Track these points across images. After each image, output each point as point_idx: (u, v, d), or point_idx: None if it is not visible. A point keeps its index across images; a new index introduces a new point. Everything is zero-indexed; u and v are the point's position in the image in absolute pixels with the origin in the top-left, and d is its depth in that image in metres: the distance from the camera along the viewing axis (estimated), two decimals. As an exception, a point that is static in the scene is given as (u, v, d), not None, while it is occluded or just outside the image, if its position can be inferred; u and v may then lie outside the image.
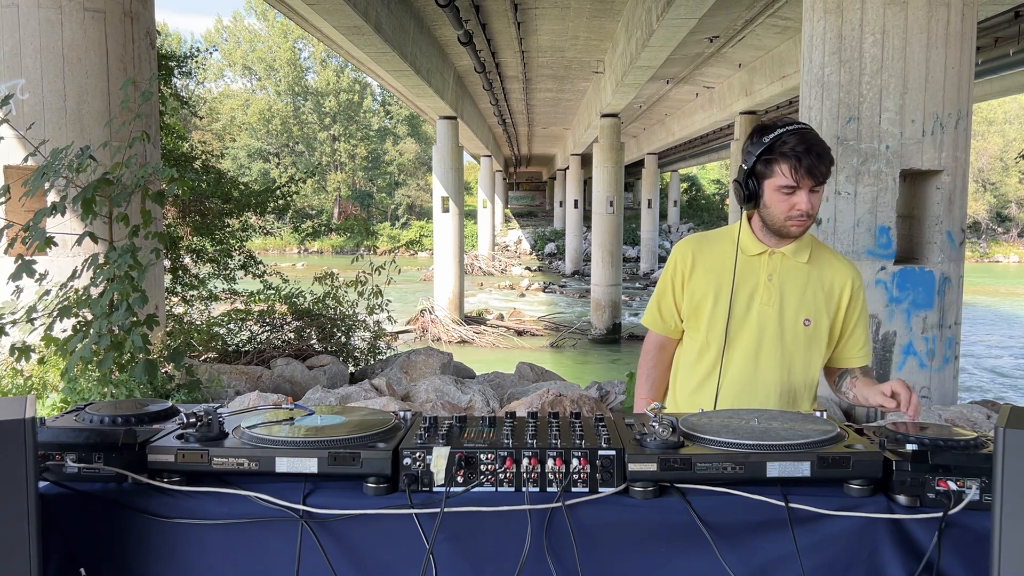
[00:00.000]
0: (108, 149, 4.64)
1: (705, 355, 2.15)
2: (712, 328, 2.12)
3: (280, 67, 53.01)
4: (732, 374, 2.11)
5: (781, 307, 2.08)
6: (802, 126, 1.99)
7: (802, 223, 2.03)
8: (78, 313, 3.94)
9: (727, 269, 2.10)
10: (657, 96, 20.61)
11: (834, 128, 5.23)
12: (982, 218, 45.68)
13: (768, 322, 2.08)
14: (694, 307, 2.15)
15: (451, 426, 1.64)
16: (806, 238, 2.12)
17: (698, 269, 2.15)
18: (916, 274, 5.23)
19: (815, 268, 2.11)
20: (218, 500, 1.50)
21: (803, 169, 1.94)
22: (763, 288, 2.09)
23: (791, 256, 2.09)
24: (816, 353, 2.11)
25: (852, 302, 2.11)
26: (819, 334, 2.10)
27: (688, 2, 8.37)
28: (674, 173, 46.55)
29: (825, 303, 2.10)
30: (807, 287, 2.09)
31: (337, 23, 9.28)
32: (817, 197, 2.00)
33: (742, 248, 2.11)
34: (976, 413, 4.99)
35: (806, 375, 2.12)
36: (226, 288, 9.32)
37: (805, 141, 1.95)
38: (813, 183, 1.97)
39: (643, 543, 1.49)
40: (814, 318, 2.09)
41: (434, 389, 5.86)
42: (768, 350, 2.09)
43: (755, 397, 2.09)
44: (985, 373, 15.27)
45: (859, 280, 2.14)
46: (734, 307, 2.09)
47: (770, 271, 2.09)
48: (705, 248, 2.17)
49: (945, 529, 1.44)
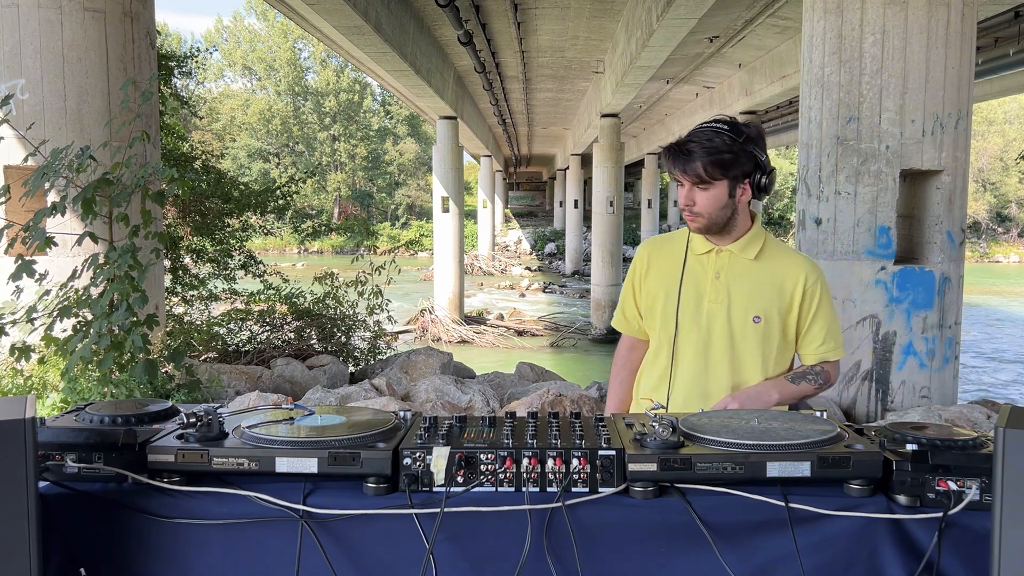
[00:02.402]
0: (108, 149, 4.63)
1: (660, 355, 2.17)
2: (664, 328, 2.14)
3: (280, 67, 53.00)
4: (683, 373, 2.12)
5: (729, 305, 2.08)
6: (709, 124, 2.01)
7: (690, 219, 2.06)
8: (78, 313, 3.94)
9: (678, 269, 2.12)
10: (657, 96, 20.61)
11: (834, 128, 5.23)
12: (982, 218, 45.67)
13: (716, 320, 2.08)
14: (648, 307, 2.18)
15: (451, 426, 1.64)
16: (757, 235, 2.11)
17: (652, 270, 2.18)
18: (916, 274, 5.23)
19: (765, 265, 2.09)
20: (218, 500, 1.50)
21: (674, 166, 2.00)
22: (711, 286, 2.09)
23: (738, 253, 2.09)
24: (770, 351, 2.09)
25: (806, 299, 2.08)
26: (771, 331, 2.07)
27: (688, 2, 8.37)
28: (674, 173, 46.49)
29: (777, 300, 2.08)
30: (756, 284, 2.08)
31: (337, 23, 9.28)
32: (704, 195, 2.00)
33: (691, 247, 2.12)
34: (976, 413, 4.99)
35: (760, 373, 2.09)
36: (226, 288, 9.31)
37: (693, 138, 1.99)
38: (687, 180, 2.00)
39: (643, 543, 1.49)
40: (765, 315, 2.07)
41: (434, 389, 5.86)
42: (717, 348, 2.09)
43: (706, 396, 2.08)
44: (985, 373, 15.27)
45: (814, 276, 2.10)
46: (683, 306, 2.10)
47: (717, 269, 2.09)
48: (660, 249, 2.20)
49: (945, 529, 1.44)
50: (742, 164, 1.99)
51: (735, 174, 1.99)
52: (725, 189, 2.00)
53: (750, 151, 1.99)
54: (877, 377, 5.27)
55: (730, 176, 1.99)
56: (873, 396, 5.30)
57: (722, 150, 1.96)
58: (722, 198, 2.01)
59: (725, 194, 2.01)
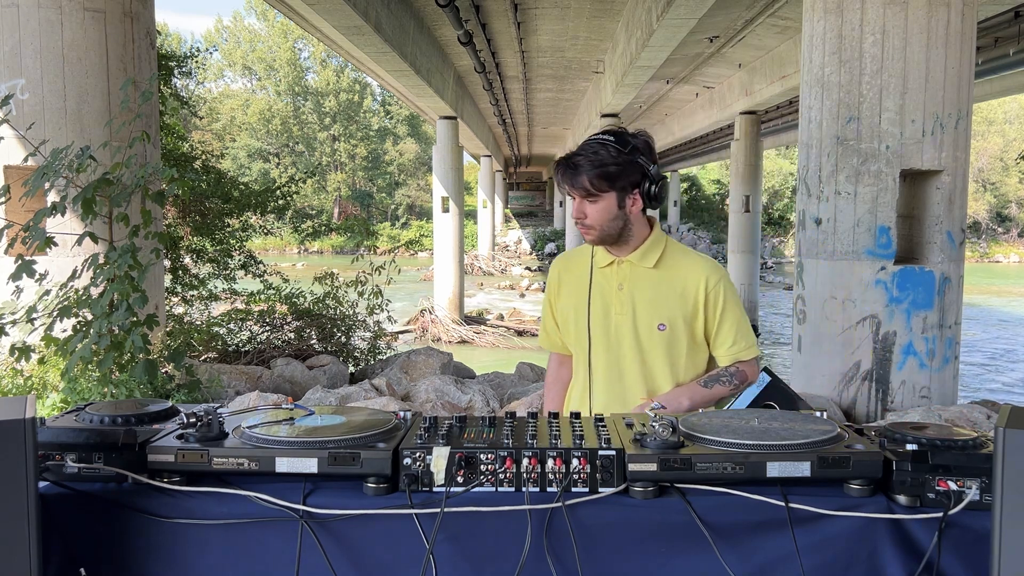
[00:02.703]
0: (108, 149, 4.63)
1: (579, 369, 2.19)
2: (578, 343, 2.17)
3: (280, 67, 53.00)
4: (600, 387, 2.14)
5: (635, 315, 2.09)
6: (596, 136, 2.01)
7: (583, 231, 2.07)
8: (78, 313, 3.94)
9: (585, 284, 2.13)
10: (657, 96, 20.61)
11: (834, 128, 5.23)
12: (982, 218, 45.67)
13: (624, 331, 2.10)
14: (563, 324, 2.21)
15: (451, 426, 1.64)
16: (656, 242, 2.11)
17: (563, 287, 2.20)
18: (916, 274, 5.23)
19: (665, 272, 2.10)
20: (218, 500, 1.50)
21: (563, 179, 2.01)
22: (616, 298, 2.10)
23: (637, 263, 2.09)
24: (678, 357, 2.10)
25: (709, 302, 2.08)
26: (677, 337, 2.08)
27: (688, 2, 8.37)
28: (674, 173, 46.57)
29: (680, 306, 2.08)
30: (658, 292, 2.09)
31: (337, 23, 9.28)
32: (594, 208, 2.01)
33: (595, 261, 2.13)
34: (976, 413, 4.99)
35: (671, 380, 2.10)
36: (226, 288, 9.31)
37: (578, 151, 2.00)
38: (576, 193, 2.01)
39: (643, 543, 1.49)
40: (669, 322, 2.08)
41: (434, 389, 5.86)
42: (629, 360, 2.10)
43: (624, 406, 2.08)
44: (997, 372, 15.27)
45: (716, 277, 2.09)
46: (593, 320, 2.12)
47: (620, 280, 2.10)
48: (568, 265, 2.21)
49: (945, 529, 1.43)
50: (629, 175, 1.99)
51: (623, 185, 2.00)
52: (614, 201, 2.00)
53: (637, 162, 1.99)
54: (877, 377, 5.28)
55: (617, 188, 1.99)
56: (873, 396, 5.30)
57: (608, 162, 1.96)
58: (611, 210, 2.01)
59: (614, 205, 2.01)
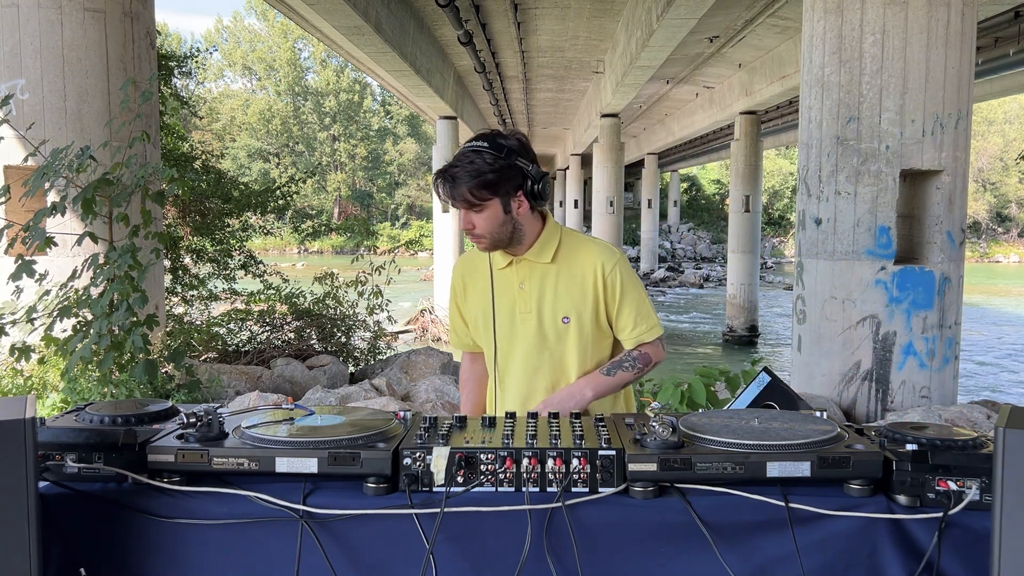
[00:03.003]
0: (108, 149, 4.63)
1: (492, 370, 2.20)
2: (487, 345, 2.18)
3: (280, 67, 53.02)
4: (512, 387, 2.15)
5: (539, 312, 2.09)
6: (471, 145, 1.97)
7: (474, 240, 2.04)
8: (78, 313, 3.94)
9: (488, 286, 2.14)
10: (657, 96, 20.61)
11: (834, 128, 5.23)
12: (982, 218, 45.68)
13: (531, 330, 2.10)
14: (473, 327, 2.21)
15: (451, 426, 1.65)
16: (550, 237, 2.10)
17: (468, 290, 2.21)
18: (916, 274, 5.23)
19: (562, 265, 2.09)
20: (218, 500, 1.50)
21: (443, 192, 1.97)
22: (519, 298, 2.10)
23: (535, 260, 2.09)
24: (586, 347, 2.10)
25: (607, 287, 2.08)
26: (582, 327, 2.09)
27: (688, 2, 8.37)
28: (674, 173, 46.57)
29: (580, 297, 2.08)
30: (558, 286, 2.09)
31: (337, 23, 9.28)
32: (480, 217, 1.98)
33: (493, 263, 2.13)
34: (976, 413, 4.99)
35: (582, 370, 2.11)
36: (226, 288, 9.31)
37: (456, 164, 1.96)
38: (459, 206, 1.98)
39: (643, 543, 1.49)
40: (573, 314, 2.08)
41: (434, 389, 5.86)
42: (538, 357, 2.11)
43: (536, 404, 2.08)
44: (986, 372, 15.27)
45: (612, 262, 2.08)
46: (499, 322, 2.13)
47: (520, 279, 2.10)
48: (471, 267, 2.21)
49: (945, 529, 1.43)
50: (510, 179, 1.96)
51: (505, 190, 1.97)
52: (499, 207, 1.98)
53: (515, 164, 1.96)
54: (877, 377, 5.27)
55: (500, 194, 1.96)
56: (873, 396, 5.30)
57: (485, 171, 1.93)
58: (498, 216, 1.98)
59: (501, 212, 1.98)
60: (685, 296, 28.94)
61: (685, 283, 32.35)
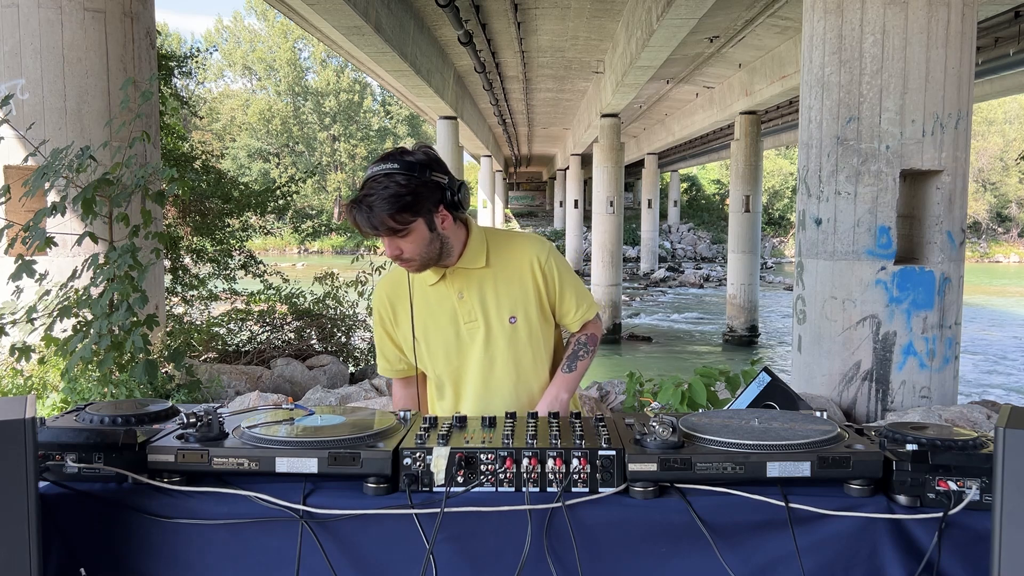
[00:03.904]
0: (108, 149, 4.64)
1: (444, 390, 2.15)
2: (434, 365, 2.12)
3: (280, 67, 53.03)
4: (471, 399, 2.11)
5: (485, 318, 2.06)
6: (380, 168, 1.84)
7: (405, 265, 1.96)
8: (78, 313, 3.94)
9: (420, 304, 2.09)
10: (657, 96, 20.61)
11: (834, 128, 5.23)
12: (982, 218, 45.68)
13: (479, 337, 2.07)
14: (410, 349, 2.13)
15: (451, 426, 1.65)
16: (478, 242, 2.05)
17: (398, 313, 2.13)
18: (916, 274, 5.23)
19: (498, 266, 2.07)
20: (218, 500, 1.50)
21: (362, 222, 1.83)
22: (460, 309, 2.06)
23: (469, 266, 2.05)
24: (537, 339, 2.10)
25: (545, 276, 2.08)
26: (530, 323, 2.08)
27: (688, 2, 8.37)
28: (674, 173, 46.57)
29: (522, 293, 2.07)
30: (498, 287, 2.06)
31: (337, 23, 9.28)
32: (408, 241, 1.88)
33: (423, 280, 2.07)
34: (976, 413, 4.99)
35: (537, 364, 2.12)
36: (226, 288, 9.32)
37: (370, 192, 1.82)
38: (379, 234, 1.86)
39: (643, 543, 1.49)
40: (519, 312, 2.07)
41: (434, 389, 5.85)
42: (491, 363, 2.08)
43: (499, 410, 2.01)
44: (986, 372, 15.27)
45: (543, 252, 2.08)
46: (443, 338, 2.08)
47: (458, 289, 2.06)
48: (397, 290, 2.13)
49: (945, 529, 1.43)
50: (428, 196, 1.86)
51: (426, 208, 1.87)
52: (424, 227, 1.89)
53: (430, 180, 1.86)
54: (877, 377, 5.27)
55: (422, 213, 1.87)
56: (873, 396, 5.30)
57: (402, 193, 1.81)
58: (425, 236, 1.90)
59: (426, 231, 1.90)
60: (685, 296, 28.94)
61: (685, 283, 32.36)
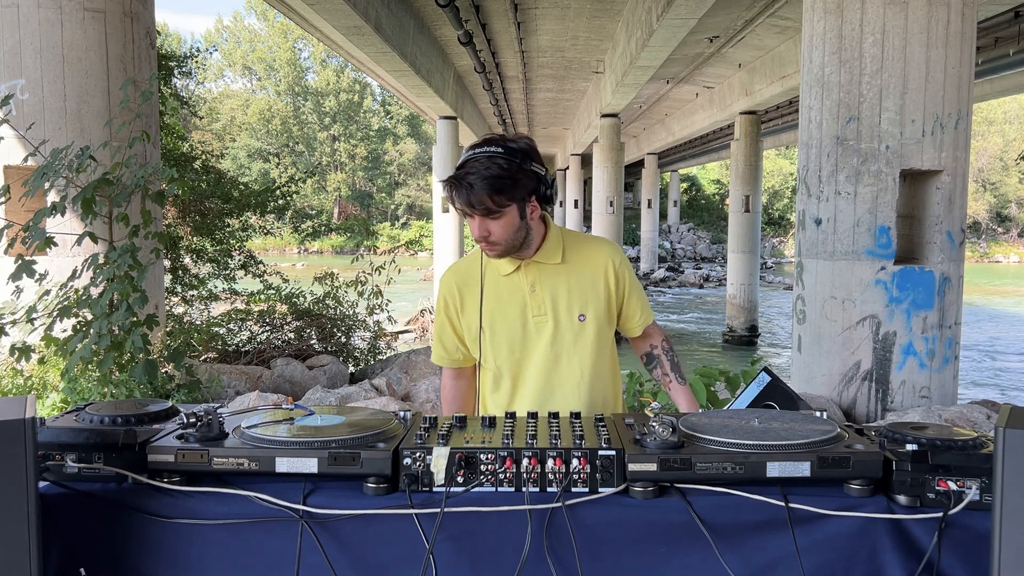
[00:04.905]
0: (108, 149, 4.64)
1: (501, 382, 2.15)
2: (497, 355, 2.12)
3: (280, 67, 53.03)
4: (530, 393, 2.11)
5: (554, 313, 2.08)
6: (488, 150, 1.91)
7: (486, 248, 2.00)
8: (78, 313, 3.94)
9: (490, 294, 2.10)
10: (657, 96, 20.61)
11: (834, 128, 5.23)
12: (982, 218, 45.68)
13: (547, 332, 2.08)
14: (473, 339, 2.14)
15: (451, 426, 1.65)
16: (556, 238, 2.10)
17: (467, 301, 2.14)
18: (916, 274, 5.23)
19: (573, 264, 2.10)
20: (218, 500, 1.50)
21: (462, 201, 1.91)
22: (530, 301, 2.08)
23: (546, 262, 2.08)
24: (603, 340, 2.13)
25: (618, 280, 2.13)
26: (600, 324, 2.11)
27: (688, 2, 8.37)
28: (674, 173, 46.57)
29: (594, 293, 2.10)
30: (571, 285, 2.09)
31: (337, 23, 9.28)
32: (497, 224, 1.94)
33: (497, 269, 2.10)
34: (976, 413, 4.99)
35: (601, 365, 2.13)
36: (226, 288, 9.31)
37: (476, 171, 1.89)
38: (476, 213, 1.92)
39: (643, 543, 1.49)
40: (589, 311, 2.09)
41: (434, 389, 5.86)
42: (555, 359, 2.10)
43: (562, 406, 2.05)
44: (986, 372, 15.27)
45: (617, 256, 2.14)
46: (511, 329, 2.09)
47: (531, 282, 2.08)
48: (466, 278, 2.15)
49: (945, 529, 1.44)
50: (525, 184, 1.94)
51: (521, 195, 1.94)
52: (516, 213, 1.96)
53: (529, 168, 1.94)
54: (877, 377, 5.27)
55: (516, 199, 1.94)
56: (873, 396, 5.30)
57: (503, 176, 1.89)
58: (515, 222, 1.97)
59: (517, 217, 1.97)
60: (685, 296, 28.94)
61: (685, 283, 32.36)
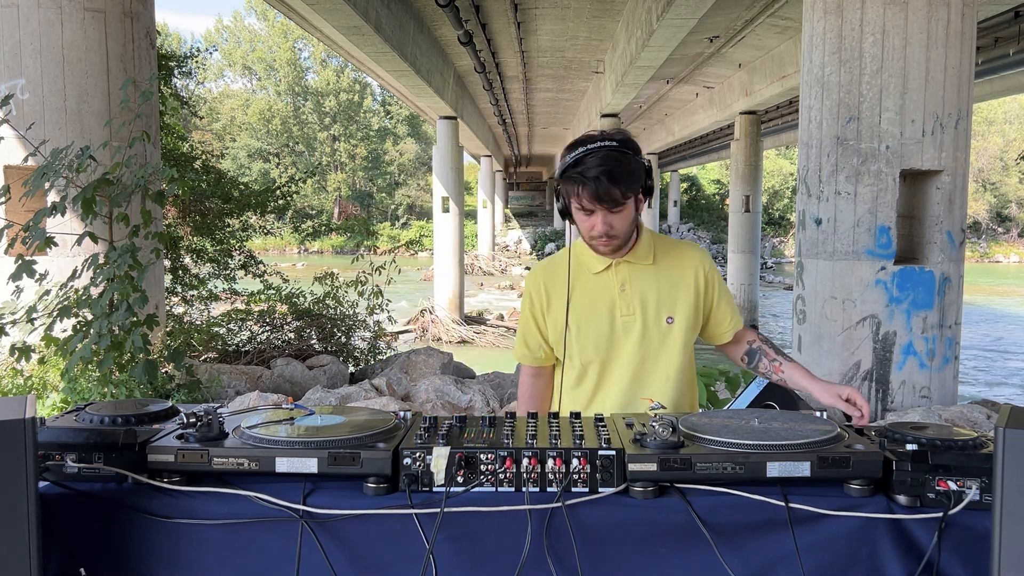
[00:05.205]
0: (108, 149, 4.63)
1: (584, 380, 2.13)
2: (583, 353, 2.10)
3: (280, 67, 53.01)
4: (614, 392, 2.10)
5: (643, 314, 2.07)
6: (606, 144, 1.91)
7: (605, 243, 2.00)
8: (78, 313, 3.94)
9: (577, 292, 2.09)
10: (657, 96, 20.61)
11: (834, 128, 5.23)
12: (982, 218, 45.66)
13: (635, 333, 2.07)
14: (559, 336, 2.12)
15: (451, 426, 1.64)
16: (648, 238, 2.10)
17: (553, 299, 2.13)
18: (916, 274, 5.23)
19: (663, 266, 2.10)
20: (218, 500, 1.50)
21: (590, 195, 1.91)
22: (619, 301, 2.07)
23: (637, 262, 2.08)
24: (688, 345, 2.12)
25: (708, 284, 2.12)
26: (687, 327, 2.09)
27: (688, 2, 8.37)
28: (674, 173, 46.56)
29: (683, 296, 2.09)
30: (661, 287, 2.08)
31: (337, 23, 9.28)
32: (620, 217, 1.95)
33: (587, 267, 2.10)
34: (976, 413, 4.99)
35: (683, 367, 2.12)
36: (226, 288, 9.31)
37: (601, 164, 1.88)
38: (602, 206, 1.92)
39: (643, 543, 1.49)
40: (677, 314, 2.08)
41: (434, 389, 5.86)
42: (640, 359, 2.08)
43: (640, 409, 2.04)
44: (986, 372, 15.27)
45: (707, 260, 2.14)
46: (598, 327, 2.08)
47: (621, 282, 2.07)
48: (553, 276, 2.15)
49: (945, 529, 1.43)
50: (639, 176, 1.95)
51: (637, 188, 1.96)
52: (632, 206, 1.98)
53: (641, 161, 1.95)
54: (877, 377, 5.27)
55: (635, 192, 1.96)
56: (873, 396, 5.30)
57: (632, 170, 1.91)
58: (631, 216, 1.99)
59: (632, 210, 1.99)
60: (685, 296, 28.84)
61: (685, 283, 32.29)
